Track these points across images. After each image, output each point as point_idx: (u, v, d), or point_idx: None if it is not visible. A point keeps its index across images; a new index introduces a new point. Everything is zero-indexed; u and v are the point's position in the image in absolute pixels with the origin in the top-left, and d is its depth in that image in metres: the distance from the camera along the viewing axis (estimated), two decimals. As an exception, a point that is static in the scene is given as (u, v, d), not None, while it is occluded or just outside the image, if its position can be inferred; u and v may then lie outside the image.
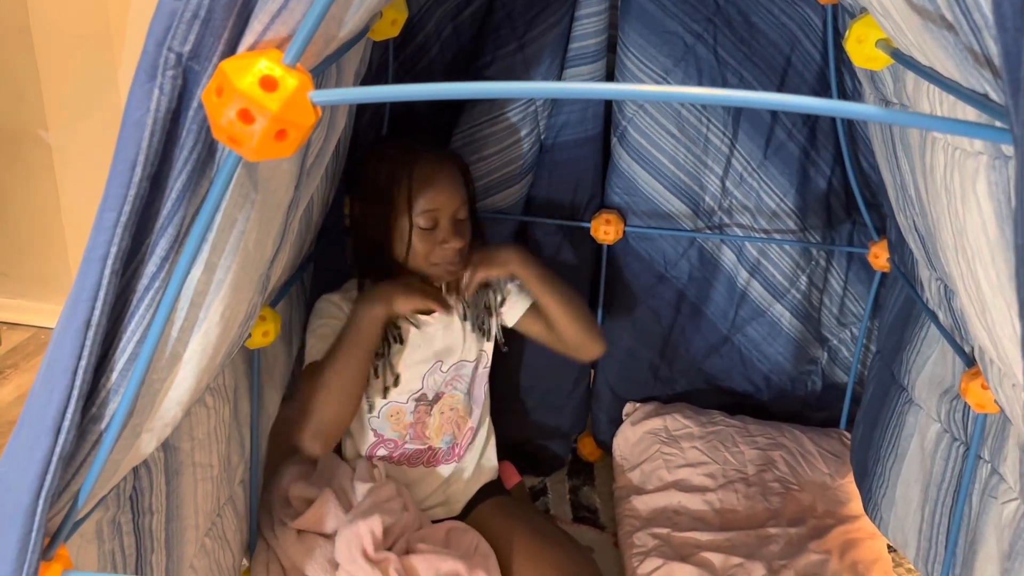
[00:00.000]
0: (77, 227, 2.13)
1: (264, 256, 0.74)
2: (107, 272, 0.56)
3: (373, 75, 1.33)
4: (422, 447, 1.31)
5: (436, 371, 1.28)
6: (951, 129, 0.45)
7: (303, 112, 0.49)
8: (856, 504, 1.42)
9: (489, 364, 1.35)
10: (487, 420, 1.41)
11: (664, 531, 1.37)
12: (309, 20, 0.48)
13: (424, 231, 1.20)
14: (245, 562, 1.25)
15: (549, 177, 1.49)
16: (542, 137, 1.45)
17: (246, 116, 0.49)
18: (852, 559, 1.33)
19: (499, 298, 1.33)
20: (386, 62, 1.34)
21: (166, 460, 0.93)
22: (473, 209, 1.28)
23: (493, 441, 1.42)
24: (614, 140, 1.47)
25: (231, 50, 0.52)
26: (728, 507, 1.42)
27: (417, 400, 1.28)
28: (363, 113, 1.37)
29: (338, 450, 1.41)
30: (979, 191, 0.69)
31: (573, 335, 1.29)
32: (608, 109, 1.47)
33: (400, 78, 1.41)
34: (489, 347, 1.34)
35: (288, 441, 1.40)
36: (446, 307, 1.22)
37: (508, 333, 1.35)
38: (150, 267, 0.59)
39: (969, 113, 0.69)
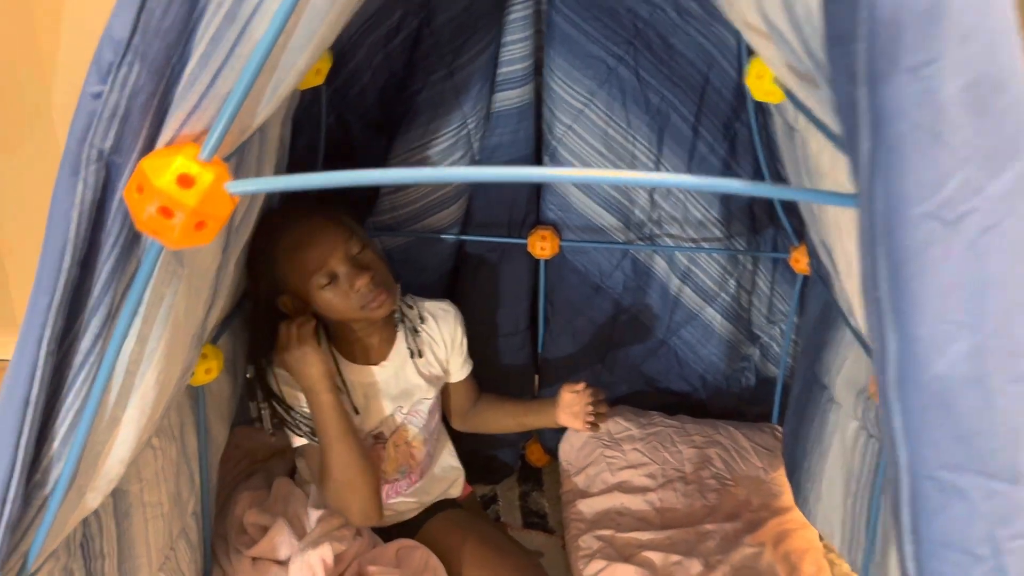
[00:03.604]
0: (17, 259, 2.11)
1: (195, 319, 0.77)
2: (42, 353, 0.59)
3: (307, 103, 1.36)
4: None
5: (396, 413, 1.33)
6: (807, 198, 0.50)
7: (220, 204, 0.53)
8: (788, 496, 1.50)
9: (439, 401, 1.42)
10: (441, 439, 1.47)
11: (608, 533, 1.43)
12: (221, 120, 0.52)
13: (328, 288, 1.18)
14: (202, 590, 1.28)
15: (485, 196, 1.53)
16: (476, 158, 1.49)
17: (166, 212, 0.52)
18: (785, 550, 1.41)
19: (446, 355, 1.39)
20: (318, 90, 1.37)
21: (115, 505, 0.96)
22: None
23: (449, 447, 1.48)
24: (545, 159, 1.52)
25: (150, 145, 0.56)
26: (668, 506, 1.48)
27: (375, 438, 1.32)
28: (298, 138, 1.39)
29: (292, 473, 1.44)
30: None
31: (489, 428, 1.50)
32: (539, 130, 1.51)
33: (334, 104, 1.43)
34: (439, 392, 1.40)
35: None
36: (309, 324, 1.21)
37: None
38: (84, 343, 0.62)
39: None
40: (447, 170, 0.59)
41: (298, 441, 1.25)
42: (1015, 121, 0.46)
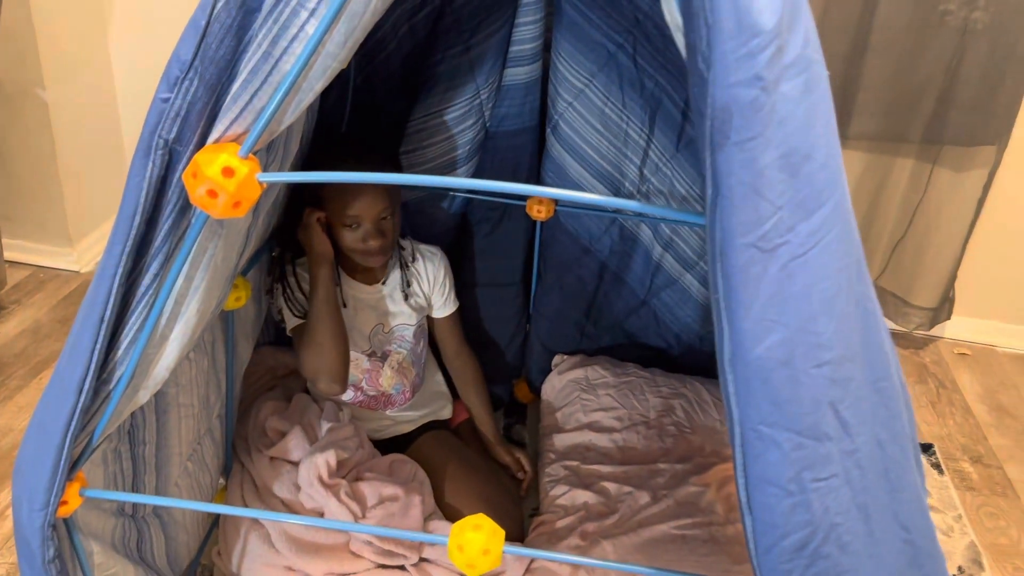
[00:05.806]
0: (72, 176, 2.33)
1: (229, 264, 0.97)
2: (115, 285, 0.79)
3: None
4: (376, 393, 1.58)
5: (379, 332, 1.54)
6: (664, 215, 0.68)
7: (252, 189, 0.72)
8: (738, 446, 1.69)
9: (426, 330, 1.65)
10: (431, 368, 1.70)
11: (574, 463, 1.64)
12: (256, 128, 0.70)
13: (349, 228, 1.42)
14: (222, 481, 1.51)
15: (491, 161, 1.70)
16: (487, 125, 1.66)
17: (212, 193, 0.71)
18: (727, 491, 1.61)
19: (429, 290, 1.62)
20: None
21: (156, 402, 1.18)
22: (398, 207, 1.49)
23: (439, 376, 1.73)
24: (548, 131, 1.68)
25: (203, 140, 0.75)
26: (629, 445, 1.69)
27: (369, 356, 1.55)
28: (327, 97, 1.57)
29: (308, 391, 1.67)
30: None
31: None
32: (543, 104, 1.68)
33: (362, 67, 1.60)
34: (423, 321, 1.64)
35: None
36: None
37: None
38: (146, 280, 0.83)
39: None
40: (445, 179, 0.77)
41: (292, 321, 1.48)
42: (821, 180, 0.63)
